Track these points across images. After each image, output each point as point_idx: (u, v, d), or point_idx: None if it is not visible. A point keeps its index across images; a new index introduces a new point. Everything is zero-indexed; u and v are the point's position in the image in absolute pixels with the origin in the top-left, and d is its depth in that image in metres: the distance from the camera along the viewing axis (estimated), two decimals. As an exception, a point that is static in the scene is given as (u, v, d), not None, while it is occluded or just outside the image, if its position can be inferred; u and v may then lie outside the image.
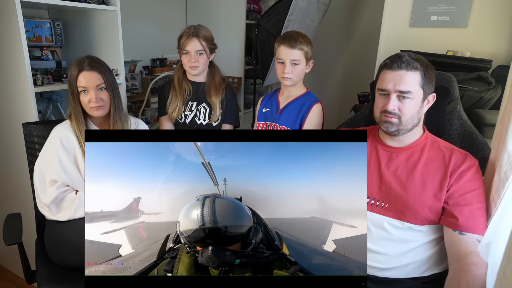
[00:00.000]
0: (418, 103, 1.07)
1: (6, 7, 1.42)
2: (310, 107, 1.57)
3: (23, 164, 1.51)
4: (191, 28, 1.63)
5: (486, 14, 1.53)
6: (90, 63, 1.30)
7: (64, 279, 1.21)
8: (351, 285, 0.78)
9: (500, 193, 0.97)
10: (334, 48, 3.20)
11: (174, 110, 1.69)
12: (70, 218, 1.28)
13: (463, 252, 0.98)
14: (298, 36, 1.50)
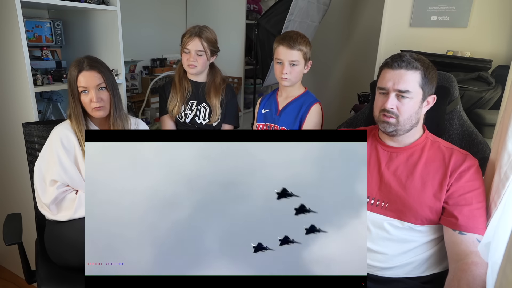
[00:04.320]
0: (417, 103, 1.07)
1: (6, 7, 1.42)
2: (309, 107, 1.57)
3: (23, 164, 1.51)
4: (195, 28, 1.64)
5: (486, 14, 1.53)
6: (90, 63, 1.30)
7: (64, 279, 1.21)
8: (351, 285, 0.78)
9: (500, 193, 0.97)
10: (334, 48, 3.19)
11: (174, 108, 1.70)
12: (70, 218, 1.28)
13: (463, 252, 0.98)
14: (297, 37, 1.50)
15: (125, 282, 0.80)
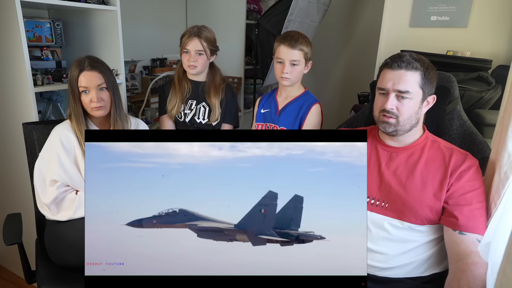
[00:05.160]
0: (416, 103, 1.07)
1: (6, 7, 1.42)
2: (309, 107, 1.57)
3: (23, 164, 1.51)
4: (194, 28, 1.64)
5: (486, 14, 1.53)
6: (91, 63, 1.30)
7: (64, 279, 1.20)
8: (351, 285, 0.79)
9: (500, 193, 0.97)
10: (334, 48, 3.19)
11: (174, 108, 1.70)
12: (70, 218, 1.28)
13: (463, 252, 0.98)
14: (298, 37, 1.49)
15: (125, 282, 0.80)
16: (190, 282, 0.79)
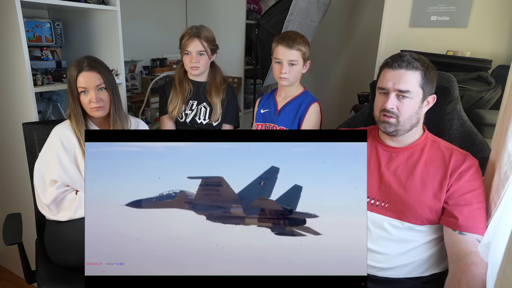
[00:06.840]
0: (417, 103, 1.07)
1: (6, 7, 1.42)
2: (307, 106, 1.57)
3: (23, 164, 1.51)
4: (193, 29, 1.63)
5: (486, 14, 1.53)
6: (89, 63, 1.30)
7: (64, 279, 1.21)
8: (351, 285, 0.79)
9: (500, 193, 0.97)
10: (334, 48, 3.19)
11: (174, 109, 1.70)
12: (70, 218, 1.28)
13: (463, 252, 0.98)
14: (296, 37, 1.50)
15: (125, 282, 0.80)
16: (190, 282, 0.79)
